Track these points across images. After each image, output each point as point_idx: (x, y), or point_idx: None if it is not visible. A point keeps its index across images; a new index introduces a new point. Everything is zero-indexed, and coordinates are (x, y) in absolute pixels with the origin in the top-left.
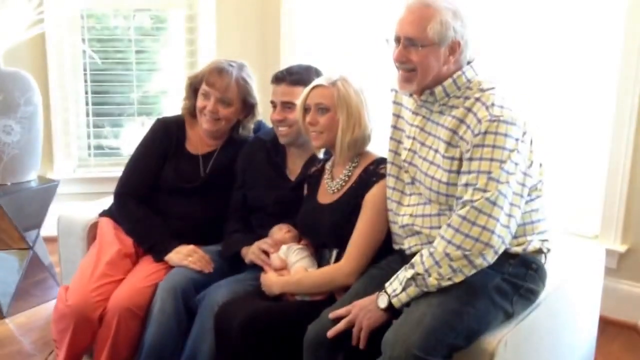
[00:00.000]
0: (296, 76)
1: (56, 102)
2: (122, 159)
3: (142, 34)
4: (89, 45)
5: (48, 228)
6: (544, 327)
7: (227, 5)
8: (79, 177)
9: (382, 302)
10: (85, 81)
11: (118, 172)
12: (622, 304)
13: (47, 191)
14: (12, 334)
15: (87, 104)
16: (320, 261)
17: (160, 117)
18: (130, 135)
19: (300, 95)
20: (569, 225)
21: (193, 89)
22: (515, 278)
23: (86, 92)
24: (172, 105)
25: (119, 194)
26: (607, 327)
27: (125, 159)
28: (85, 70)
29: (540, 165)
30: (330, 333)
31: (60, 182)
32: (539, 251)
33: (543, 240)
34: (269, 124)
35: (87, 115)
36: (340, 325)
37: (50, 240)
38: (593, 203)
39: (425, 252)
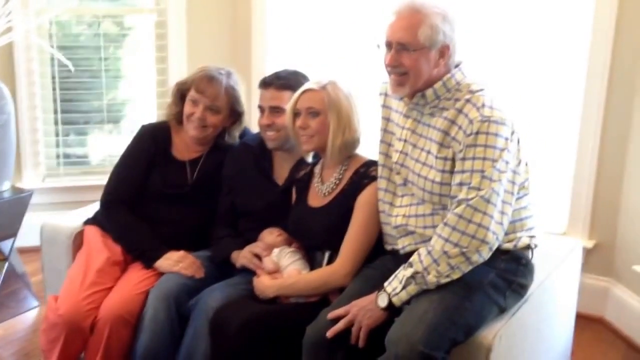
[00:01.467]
0: (284, 81)
1: (24, 110)
2: (91, 168)
3: (109, 40)
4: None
5: (19, 238)
6: (530, 321)
7: (197, 11)
8: (49, 187)
9: (382, 301)
10: (54, 89)
11: (88, 181)
12: (590, 297)
13: (21, 201)
14: None
15: (55, 112)
16: (312, 263)
17: (145, 123)
18: (99, 144)
19: (287, 99)
20: (538, 223)
21: (180, 95)
22: (508, 273)
23: (54, 100)
24: (141, 112)
25: (107, 202)
26: (575, 320)
27: (95, 168)
28: (53, 77)
29: (526, 164)
30: (330, 333)
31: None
32: (527, 247)
33: (531, 237)
34: (254, 130)
35: (56, 123)
36: (340, 325)
37: (21, 250)
38: (560, 201)
39: (423, 251)
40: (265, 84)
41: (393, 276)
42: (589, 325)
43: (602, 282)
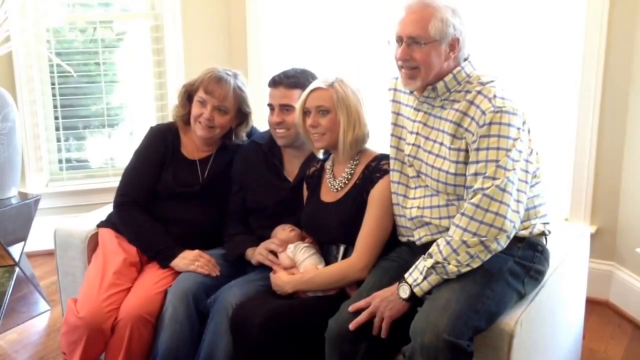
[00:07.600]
0: (293, 79)
1: (25, 117)
2: (93, 172)
3: (106, 45)
4: (49, 59)
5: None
6: (547, 306)
7: (192, 14)
8: (52, 192)
9: (404, 292)
10: (54, 95)
11: (91, 184)
12: (593, 282)
13: (29, 206)
14: (5, 352)
15: (56, 118)
16: (327, 257)
17: (154, 124)
18: (100, 147)
19: (297, 97)
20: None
21: (187, 96)
22: (525, 260)
23: (55, 107)
24: (140, 115)
25: (120, 203)
26: None
27: (97, 172)
28: (53, 84)
29: (537, 153)
30: (353, 325)
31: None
32: (542, 234)
33: (545, 223)
34: (260, 129)
35: (57, 129)
36: (362, 317)
37: (28, 255)
38: (562, 188)
39: (441, 241)
40: (275, 82)
41: (413, 267)
42: (595, 309)
43: (605, 266)
